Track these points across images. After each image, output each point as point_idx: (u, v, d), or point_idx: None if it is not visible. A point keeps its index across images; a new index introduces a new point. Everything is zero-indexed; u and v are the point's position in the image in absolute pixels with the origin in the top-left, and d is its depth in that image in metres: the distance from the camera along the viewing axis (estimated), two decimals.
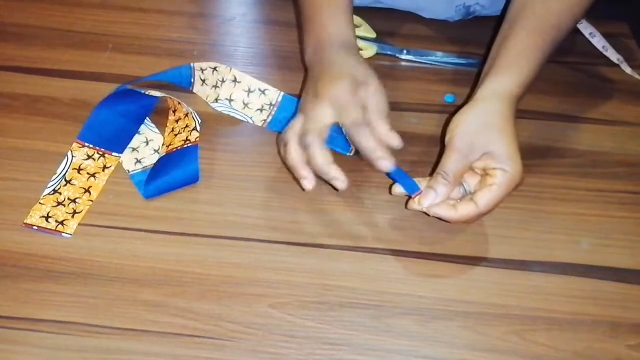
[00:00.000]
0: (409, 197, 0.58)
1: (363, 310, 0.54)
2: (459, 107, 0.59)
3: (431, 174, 0.58)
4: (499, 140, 0.56)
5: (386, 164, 0.56)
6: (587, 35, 0.77)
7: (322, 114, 0.58)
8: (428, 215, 0.57)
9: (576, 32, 0.78)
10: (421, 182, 0.58)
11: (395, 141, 0.58)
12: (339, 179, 0.57)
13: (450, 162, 0.56)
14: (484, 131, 0.56)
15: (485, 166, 0.56)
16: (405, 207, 0.59)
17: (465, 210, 0.56)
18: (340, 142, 0.62)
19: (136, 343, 0.51)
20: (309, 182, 0.57)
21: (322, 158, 0.57)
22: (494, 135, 0.56)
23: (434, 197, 0.56)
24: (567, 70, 0.76)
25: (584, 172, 0.65)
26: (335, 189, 0.57)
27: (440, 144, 0.63)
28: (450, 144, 0.57)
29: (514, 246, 0.59)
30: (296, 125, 0.59)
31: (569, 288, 0.56)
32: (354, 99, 0.58)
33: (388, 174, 0.58)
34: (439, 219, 0.57)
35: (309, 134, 0.57)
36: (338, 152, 0.63)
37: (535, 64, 0.61)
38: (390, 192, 0.59)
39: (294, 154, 0.57)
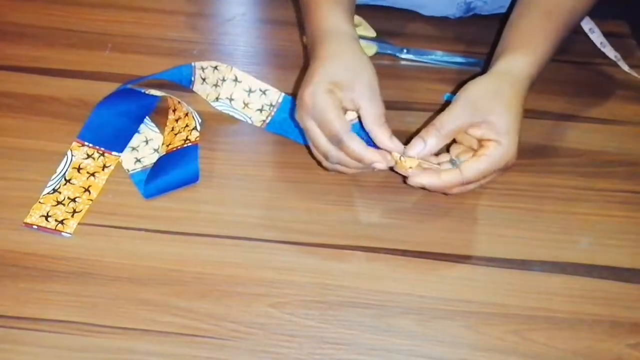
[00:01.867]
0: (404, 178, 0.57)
1: (363, 310, 0.54)
2: None
3: None
4: (503, 112, 0.55)
5: (380, 166, 0.56)
6: (586, 31, 0.77)
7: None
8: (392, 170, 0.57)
9: (579, 29, 0.78)
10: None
11: (399, 148, 0.56)
12: (380, 161, 0.55)
13: (449, 117, 0.55)
14: (492, 98, 0.55)
15: (482, 135, 0.55)
16: (392, 170, 0.58)
17: (449, 177, 0.55)
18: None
19: (136, 342, 0.51)
20: (383, 164, 0.56)
21: (359, 144, 0.55)
22: (501, 105, 0.55)
23: (421, 148, 0.55)
24: (567, 70, 0.76)
25: (584, 171, 0.65)
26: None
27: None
28: (455, 101, 0.56)
29: (514, 246, 0.59)
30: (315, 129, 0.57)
31: (569, 287, 0.56)
32: (332, 117, 0.55)
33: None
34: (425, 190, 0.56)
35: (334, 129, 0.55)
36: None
37: (549, 45, 0.60)
38: (405, 182, 0.58)
39: (356, 146, 0.55)
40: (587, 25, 0.77)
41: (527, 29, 0.61)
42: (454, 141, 0.59)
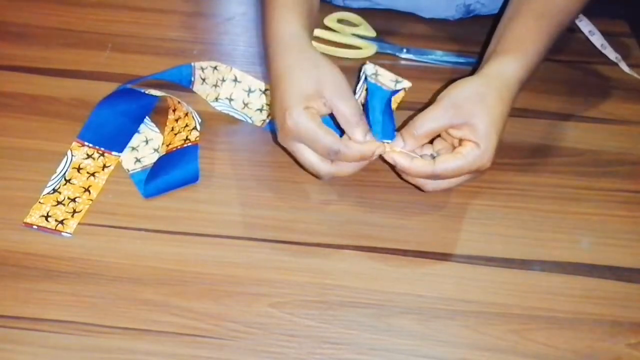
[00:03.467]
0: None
1: (363, 310, 0.54)
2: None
3: None
4: (485, 115, 0.55)
5: (380, 150, 0.56)
6: (586, 33, 0.77)
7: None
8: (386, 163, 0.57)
9: (576, 30, 0.78)
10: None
11: (377, 150, 0.56)
12: (380, 148, 0.56)
13: (430, 117, 0.56)
14: (477, 101, 0.56)
15: (462, 136, 0.56)
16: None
17: (420, 164, 0.55)
18: None
19: (136, 342, 0.51)
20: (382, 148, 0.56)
21: (358, 146, 0.56)
22: (484, 109, 0.55)
23: (401, 146, 0.56)
24: (567, 69, 0.76)
25: (584, 171, 0.65)
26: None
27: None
28: (437, 101, 0.56)
29: (514, 245, 0.59)
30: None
31: (570, 287, 0.56)
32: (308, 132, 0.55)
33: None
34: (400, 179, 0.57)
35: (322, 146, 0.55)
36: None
37: (542, 47, 0.60)
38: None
39: (356, 148, 0.56)
40: (587, 27, 0.77)
41: (519, 31, 0.60)
42: (438, 136, 0.60)
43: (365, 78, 0.58)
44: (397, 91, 0.57)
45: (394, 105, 0.59)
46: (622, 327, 0.54)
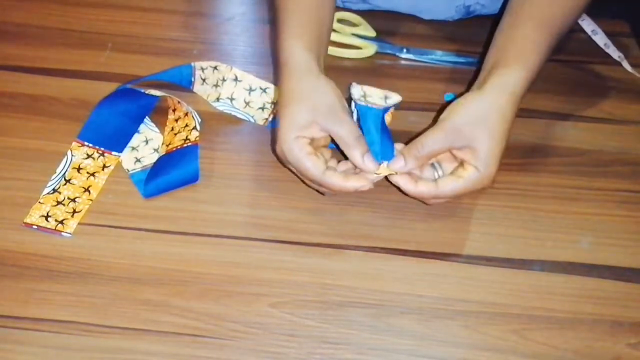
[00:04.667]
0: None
1: (363, 310, 0.54)
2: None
3: None
4: (487, 140, 0.55)
5: (365, 188, 0.57)
6: (589, 33, 0.77)
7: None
8: (392, 183, 0.57)
9: (578, 29, 0.78)
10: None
11: (373, 167, 0.57)
12: (363, 185, 0.57)
13: (431, 140, 0.56)
14: (477, 125, 0.56)
15: (463, 158, 0.56)
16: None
17: (425, 188, 0.56)
18: None
19: (136, 342, 0.51)
20: (366, 185, 0.57)
21: (338, 179, 0.56)
22: (485, 133, 0.55)
23: (402, 166, 0.56)
24: (568, 69, 0.76)
25: (584, 171, 0.65)
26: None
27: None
28: (440, 123, 0.57)
29: (514, 245, 0.59)
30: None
31: (570, 287, 0.56)
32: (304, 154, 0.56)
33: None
34: (399, 189, 0.57)
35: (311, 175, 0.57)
36: None
37: (542, 56, 0.60)
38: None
39: (335, 181, 0.57)
40: (590, 26, 0.77)
41: (519, 42, 0.60)
42: None
43: (354, 101, 0.58)
44: (388, 108, 0.57)
45: (387, 119, 0.59)
46: (622, 327, 0.54)
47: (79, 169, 0.63)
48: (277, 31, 0.63)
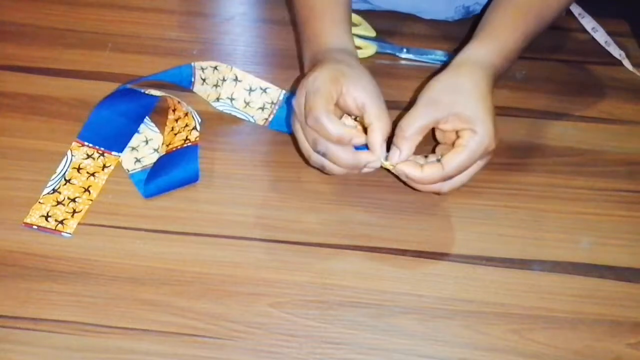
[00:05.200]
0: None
1: (363, 310, 0.54)
2: None
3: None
4: (466, 101, 0.55)
5: (377, 163, 0.56)
6: (589, 30, 0.77)
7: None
8: (400, 180, 0.57)
9: (578, 28, 0.78)
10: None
11: (382, 155, 0.56)
12: (374, 160, 0.56)
13: (412, 117, 0.56)
14: (451, 92, 0.56)
15: (454, 127, 0.56)
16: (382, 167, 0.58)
17: (431, 170, 0.55)
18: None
19: (136, 342, 0.51)
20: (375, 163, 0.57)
21: (337, 126, 0.55)
22: (461, 96, 0.55)
23: (398, 155, 0.56)
24: (567, 69, 0.76)
25: (584, 170, 0.65)
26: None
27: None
28: (417, 100, 0.57)
29: (514, 245, 0.59)
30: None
31: (569, 287, 0.56)
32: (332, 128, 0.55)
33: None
34: (406, 185, 0.57)
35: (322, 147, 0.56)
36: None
37: (518, 36, 0.61)
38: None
39: (332, 127, 0.55)
40: (590, 24, 0.77)
41: (493, 21, 0.61)
42: (437, 142, 0.60)
43: None
44: None
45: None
46: (622, 327, 0.54)
47: (79, 169, 0.63)
48: (313, 22, 0.63)
